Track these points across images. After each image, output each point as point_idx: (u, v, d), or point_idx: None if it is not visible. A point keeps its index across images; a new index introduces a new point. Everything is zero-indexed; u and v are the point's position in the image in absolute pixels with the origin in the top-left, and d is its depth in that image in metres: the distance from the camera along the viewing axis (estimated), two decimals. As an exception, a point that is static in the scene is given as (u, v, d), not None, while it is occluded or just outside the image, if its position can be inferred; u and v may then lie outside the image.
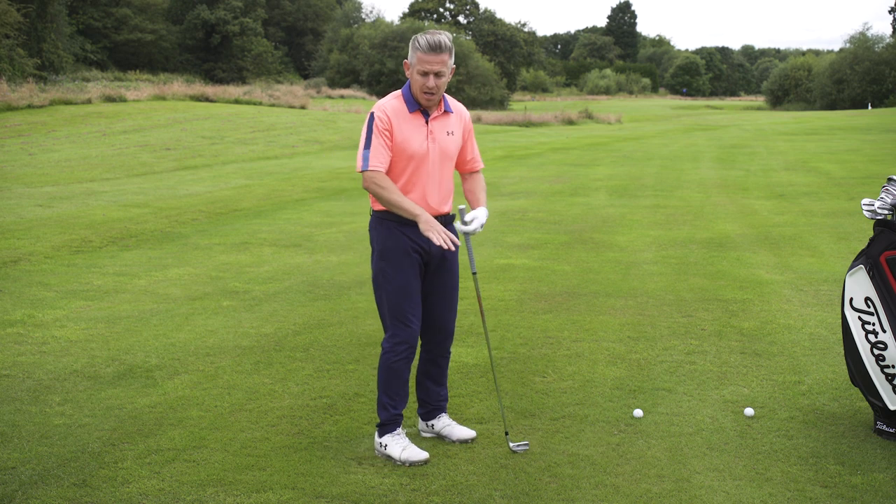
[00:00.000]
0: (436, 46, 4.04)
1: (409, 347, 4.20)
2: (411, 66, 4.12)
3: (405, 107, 4.16)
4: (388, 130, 4.10)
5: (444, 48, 4.05)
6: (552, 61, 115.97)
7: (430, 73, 4.06)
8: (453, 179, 4.36)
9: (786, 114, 56.41)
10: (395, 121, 4.12)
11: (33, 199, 13.81)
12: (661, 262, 8.86)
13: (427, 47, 4.04)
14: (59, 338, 6.34)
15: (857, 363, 4.51)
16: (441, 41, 4.04)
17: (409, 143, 4.13)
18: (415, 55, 4.09)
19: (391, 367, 4.20)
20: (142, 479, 3.99)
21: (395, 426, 4.24)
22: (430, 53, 4.04)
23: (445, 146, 4.24)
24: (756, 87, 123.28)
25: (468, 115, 4.42)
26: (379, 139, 4.09)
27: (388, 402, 4.24)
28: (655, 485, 3.92)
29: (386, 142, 4.10)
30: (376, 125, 4.10)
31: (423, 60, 4.06)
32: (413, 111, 4.16)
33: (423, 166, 4.17)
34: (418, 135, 4.15)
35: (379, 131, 4.10)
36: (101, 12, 66.76)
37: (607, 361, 5.68)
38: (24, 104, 30.80)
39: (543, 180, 16.73)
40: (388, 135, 4.10)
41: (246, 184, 16.26)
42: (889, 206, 4.49)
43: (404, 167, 4.15)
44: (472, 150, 4.42)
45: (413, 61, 4.10)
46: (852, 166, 18.29)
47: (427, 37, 4.06)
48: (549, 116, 40.83)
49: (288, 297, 7.57)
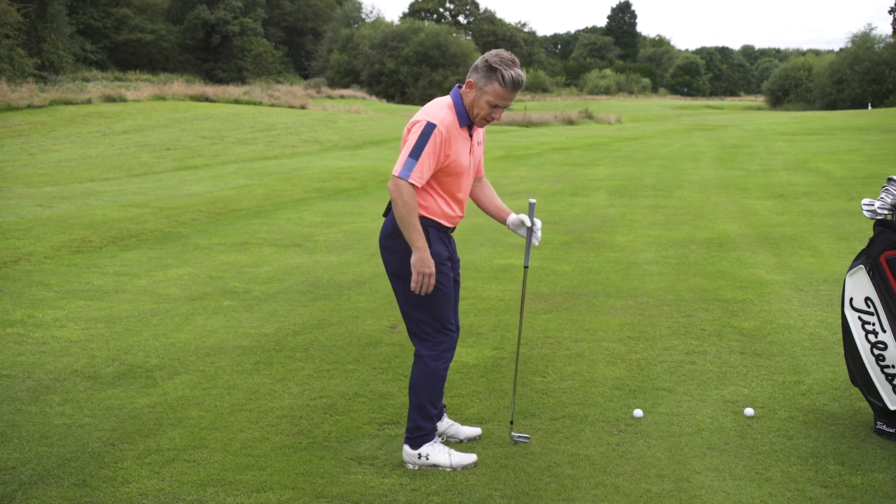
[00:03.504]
0: (519, 85, 3.95)
1: (452, 354, 4.19)
2: (481, 91, 3.94)
3: (457, 121, 4.04)
4: (444, 150, 3.97)
5: (524, 85, 4.01)
6: (552, 61, 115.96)
7: (502, 107, 3.99)
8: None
9: (786, 114, 56.42)
10: (451, 139, 4.00)
11: (33, 199, 13.81)
12: (661, 262, 8.86)
13: (511, 85, 3.92)
14: (59, 338, 6.34)
15: (857, 363, 4.51)
16: (523, 79, 3.96)
17: (459, 160, 4.05)
18: (492, 85, 3.92)
19: (439, 375, 4.14)
20: (142, 479, 3.99)
21: (434, 435, 4.20)
22: (511, 91, 3.94)
23: (478, 157, 4.25)
24: (756, 87, 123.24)
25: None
26: (431, 156, 3.93)
27: (434, 410, 4.18)
28: (655, 485, 3.92)
29: (435, 161, 3.96)
30: (434, 140, 3.90)
31: (500, 96, 3.93)
32: (463, 125, 4.06)
33: (465, 179, 4.13)
34: (465, 150, 4.09)
35: (434, 148, 3.93)
36: (101, 12, 66.82)
37: (607, 361, 5.68)
38: (24, 104, 30.84)
39: (543, 180, 16.73)
40: (443, 154, 3.97)
41: (246, 184, 16.26)
42: (889, 206, 4.49)
43: (449, 181, 4.08)
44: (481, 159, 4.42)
45: (487, 89, 3.93)
46: (852, 166, 18.29)
47: (513, 73, 3.91)
48: (549, 116, 40.83)
49: (288, 297, 7.57)
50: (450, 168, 4.03)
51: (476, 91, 3.97)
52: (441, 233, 4.13)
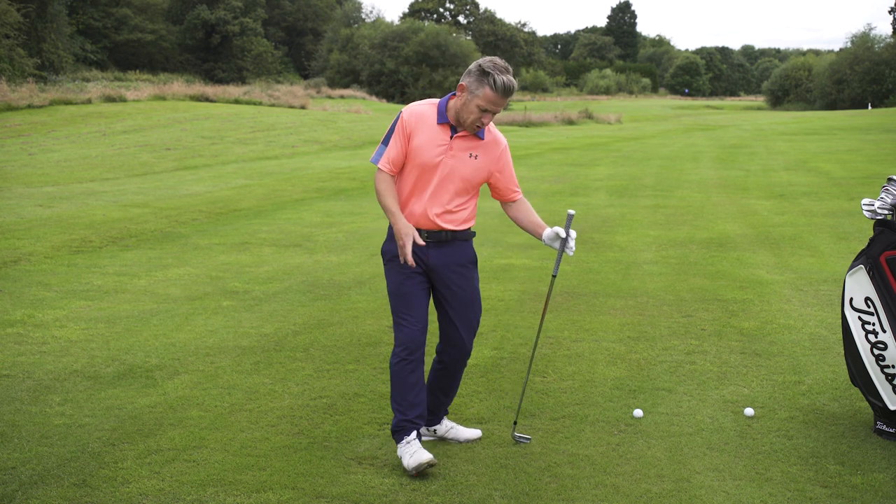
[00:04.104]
0: (510, 91, 3.96)
1: (405, 349, 4.10)
2: (471, 94, 3.97)
3: (435, 116, 4.09)
4: (407, 133, 4.07)
5: (514, 92, 4.01)
6: (552, 61, 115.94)
7: (491, 112, 4.00)
8: (473, 204, 4.25)
9: (786, 114, 56.42)
10: (419, 126, 4.08)
11: (33, 199, 13.81)
12: (661, 262, 8.86)
13: (502, 91, 3.93)
14: (59, 338, 6.34)
15: (857, 363, 4.51)
16: (514, 86, 3.98)
17: (421, 151, 4.07)
18: (482, 89, 3.94)
19: (392, 370, 4.16)
20: (142, 479, 3.99)
21: (405, 433, 4.11)
22: (502, 96, 3.96)
23: (463, 167, 4.11)
24: (756, 87, 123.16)
25: (505, 144, 4.25)
26: (396, 140, 4.09)
27: (396, 406, 4.16)
28: (655, 485, 3.92)
29: (401, 144, 4.08)
30: (398, 125, 4.10)
31: (490, 100, 3.95)
32: (441, 123, 4.08)
33: (431, 177, 4.10)
34: (435, 147, 4.08)
35: (398, 132, 4.09)
36: (101, 12, 66.80)
37: (607, 361, 5.68)
38: (24, 104, 30.84)
39: (543, 180, 16.73)
40: (406, 138, 4.07)
41: (246, 184, 16.26)
42: (889, 206, 4.49)
43: (412, 173, 4.12)
44: (508, 179, 4.29)
45: (478, 93, 3.95)
46: (852, 166, 18.29)
47: (504, 79, 3.92)
48: (549, 116, 40.82)
49: (288, 297, 7.57)
50: (412, 155, 4.09)
51: (467, 94, 3.99)
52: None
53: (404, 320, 4.14)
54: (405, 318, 4.14)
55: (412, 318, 4.14)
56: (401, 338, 4.14)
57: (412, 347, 4.13)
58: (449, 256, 4.19)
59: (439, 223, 4.14)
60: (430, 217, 4.13)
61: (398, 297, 4.16)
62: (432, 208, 4.13)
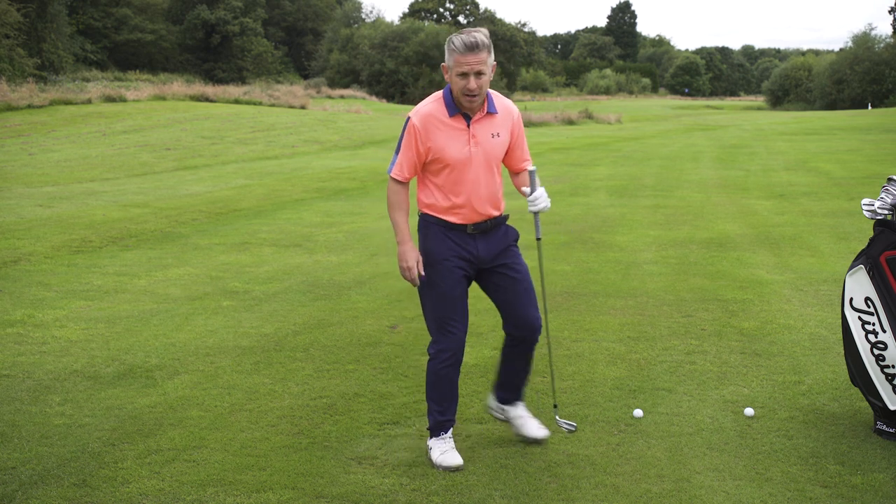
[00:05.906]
0: (472, 46, 3.85)
1: (453, 355, 4.10)
2: (449, 68, 3.93)
3: (444, 111, 4.00)
4: (421, 139, 3.97)
5: (481, 46, 3.87)
6: (552, 61, 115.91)
7: (470, 73, 3.87)
8: (502, 179, 4.21)
9: (786, 114, 56.40)
10: (430, 129, 3.97)
11: (33, 199, 13.81)
12: (661, 262, 8.86)
13: (463, 47, 3.85)
14: (59, 338, 6.34)
15: (857, 363, 4.51)
16: (477, 39, 3.86)
17: (446, 151, 3.98)
18: (451, 57, 3.91)
19: (437, 373, 4.12)
20: (142, 479, 3.99)
21: (443, 430, 4.17)
22: (467, 53, 3.85)
23: (490, 149, 4.06)
24: (756, 87, 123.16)
25: (517, 113, 4.18)
26: (407, 149, 3.99)
27: (436, 407, 4.16)
28: (655, 485, 3.92)
29: (413, 154, 3.99)
30: (407, 132, 3.98)
31: (460, 62, 3.87)
32: (453, 115, 3.99)
33: (466, 173, 4.01)
34: (457, 141, 3.99)
35: (408, 141, 3.98)
36: (101, 12, 66.82)
37: (607, 361, 5.68)
38: (24, 104, 30.84)
39: (543, 180, 16.68)
40: (419, 146, 3.98)
41: (246, 184, 16.26)
42: (889, 206, 4.49)
43: (445, 175, 4.02)
44: (521, 148, 4.23)
45: (451, 63, 3.91)
46: (852, 166, 18.29)
47: (462, 36, 3.88)
48: (549, 116, 40.79)
49: (288, 297, 7.57)
50: (437, 160, 4.00)
51: (448, 73, 3.99)
52: (448, 230, 4.07)
53: (452, 326, 4.09)
54: (453, 324, 4.09)
55: (459, 325, 4.11)
56: (447, 343, 4.09)
57: (457, 351, 4.12)
58: (498, 242, 4.18)
59: (490, 213, 4.12)
60: (480, 212, 4.09)
61: (447, 300, 4.07)
62: (479, 202, 4.07)
